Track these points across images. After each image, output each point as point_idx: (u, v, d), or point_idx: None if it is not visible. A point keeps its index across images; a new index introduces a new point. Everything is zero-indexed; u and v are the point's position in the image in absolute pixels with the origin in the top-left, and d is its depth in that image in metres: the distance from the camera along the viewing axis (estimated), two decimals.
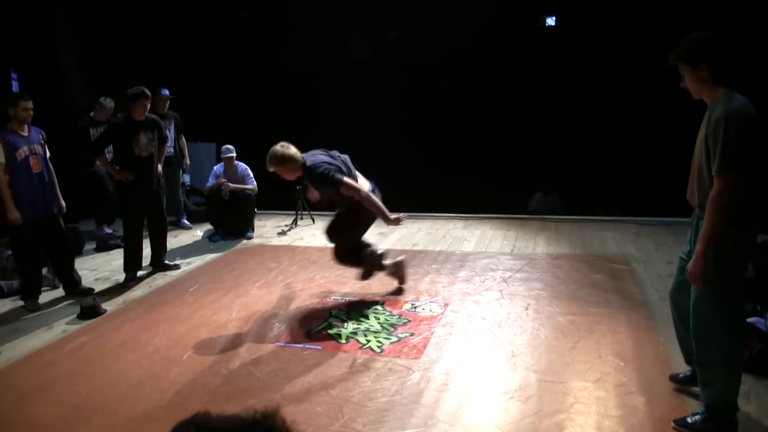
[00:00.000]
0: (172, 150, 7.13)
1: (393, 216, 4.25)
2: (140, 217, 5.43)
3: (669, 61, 2.73)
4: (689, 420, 2.74)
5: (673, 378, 3.15)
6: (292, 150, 4.30)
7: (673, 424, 2.77)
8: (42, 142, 4.84)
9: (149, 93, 5.29)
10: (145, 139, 5.29)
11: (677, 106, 4.36)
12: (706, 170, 2.60)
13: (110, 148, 5.54)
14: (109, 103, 6.86)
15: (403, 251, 6.09)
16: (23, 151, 4.62)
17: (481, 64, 8.36)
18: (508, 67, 8.38)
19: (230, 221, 6.98)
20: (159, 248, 5.65)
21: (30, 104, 4.67)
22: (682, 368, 3.23)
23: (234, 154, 6.98)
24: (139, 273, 5.50)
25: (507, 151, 8.55)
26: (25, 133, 4.70)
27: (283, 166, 4.28)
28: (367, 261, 4.61)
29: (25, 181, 4.62)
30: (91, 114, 6.85)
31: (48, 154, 4.90)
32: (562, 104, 8.28)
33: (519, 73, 8.36)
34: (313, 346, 3.83)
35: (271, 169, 4.32)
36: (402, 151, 8.70)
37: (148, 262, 5.67)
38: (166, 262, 5.71)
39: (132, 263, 5.40)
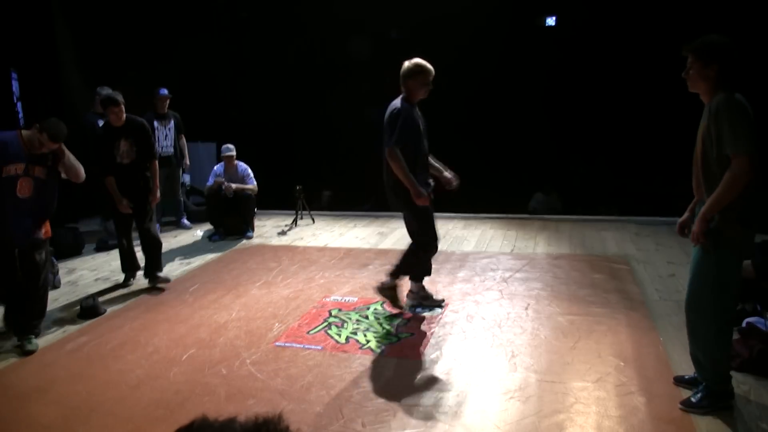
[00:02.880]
0: (172, 150, 7.14)
1: None
2: (128, 223, 5.24)
3: (683, 50, 2.83)
4: (693, 399, 2.90)
5: (678, 380, 3.14)
6: None
7: (680, 405, 2.90)
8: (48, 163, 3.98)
9: (118, 99, 4.96)
10: (125, 146, 5.07)
11: (677, 106, 4.36)
12: (714, 159, 2.68)
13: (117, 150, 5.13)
14: (105, 91, 6.81)
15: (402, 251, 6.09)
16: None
17: (480, 64, 8.35)
18: (508, 67, 8.37)
19: (230, 221, 6.98)
20: (148, 260, 5.28)
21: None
22: (682, 368, 3.24)
23: (233, 153, 6.98)
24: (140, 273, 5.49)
25: (507, 151, 8.54)
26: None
27: None
28: None
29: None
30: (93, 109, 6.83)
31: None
32: (563, 104, 8.27)
33: (519, 73, 8.34)
34: (313, 346, 3.83)
35: None
36: None
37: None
38: (158, 274, 5.24)
39: (128, 265, 5.36)
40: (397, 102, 4.15)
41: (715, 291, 2.78)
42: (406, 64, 4.20)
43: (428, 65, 4.18)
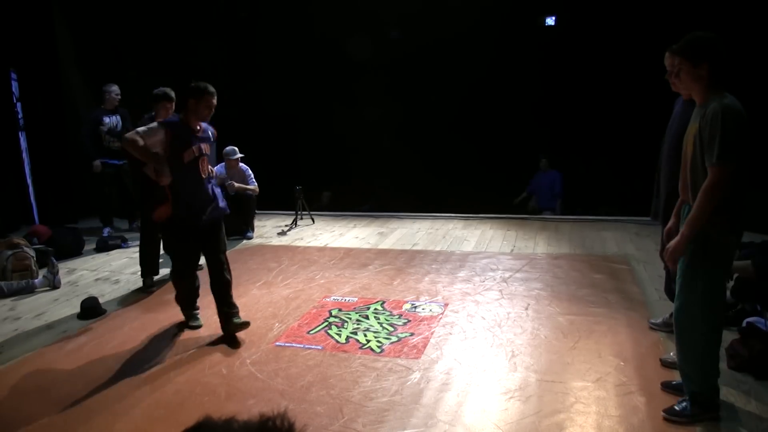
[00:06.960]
0: None
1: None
2: None
3: (669, 52, 2.79)
4: (677, 407, 2.83)
5: (665, 385, 3.10)
6: None
7: (663, 413, 2.83)
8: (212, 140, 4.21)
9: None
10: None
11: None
12: (701, 163, 2.64)
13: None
14: (113, 87, 6.85)
15: (402, 251, 6.10)
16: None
17: (480, 64, 8.35)
18: (508, 67, 8.37)
19: (230, 221, 6.95)
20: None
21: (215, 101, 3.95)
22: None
23: (240, 156, 6.96)
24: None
25: (507, 151, 8.55)
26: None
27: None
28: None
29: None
30: (103, 106, 6.88)
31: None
32: (563, 104, 8.28)
33: (519, 73, 8.35)
34: (313, 346, 3.83)
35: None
36: (401, 151, 8.69)
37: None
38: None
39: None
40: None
41: (704, 304, 2.71)
42: None
43: None
